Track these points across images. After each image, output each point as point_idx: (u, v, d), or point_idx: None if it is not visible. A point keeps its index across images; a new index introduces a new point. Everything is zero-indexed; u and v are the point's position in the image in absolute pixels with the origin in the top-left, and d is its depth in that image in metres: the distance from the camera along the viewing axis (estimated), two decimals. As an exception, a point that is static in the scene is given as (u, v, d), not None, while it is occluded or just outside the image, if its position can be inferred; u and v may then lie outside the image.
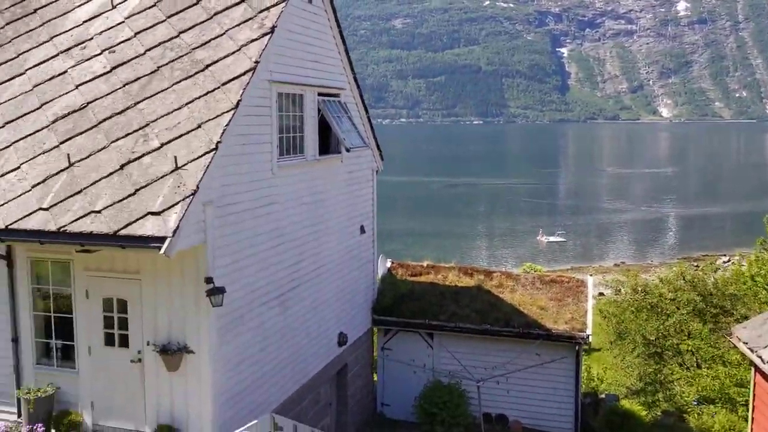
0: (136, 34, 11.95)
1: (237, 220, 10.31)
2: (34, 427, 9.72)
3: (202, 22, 11.63)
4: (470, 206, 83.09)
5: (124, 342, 9.89)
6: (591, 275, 20.00)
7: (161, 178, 9.47)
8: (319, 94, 13.15)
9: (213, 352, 9.59)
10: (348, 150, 13.60)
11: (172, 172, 9.49)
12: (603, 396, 20.07)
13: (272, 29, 10.98)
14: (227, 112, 9.98)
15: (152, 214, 9.03)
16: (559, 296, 16.31)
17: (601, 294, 34.41)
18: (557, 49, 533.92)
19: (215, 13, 11.67)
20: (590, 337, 15.42)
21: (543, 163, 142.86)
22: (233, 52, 10.87)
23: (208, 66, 10.79)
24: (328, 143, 13.84)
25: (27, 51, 12.48)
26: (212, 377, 9.58)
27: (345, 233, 14.54)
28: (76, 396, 10.18)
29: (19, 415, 10.40)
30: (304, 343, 12.58)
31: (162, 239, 8.70)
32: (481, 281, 17.02)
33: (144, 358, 9.76)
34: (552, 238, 61.68)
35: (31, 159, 10.37)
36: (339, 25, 13.94)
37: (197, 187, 9.11)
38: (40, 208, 9.54)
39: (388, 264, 18.03)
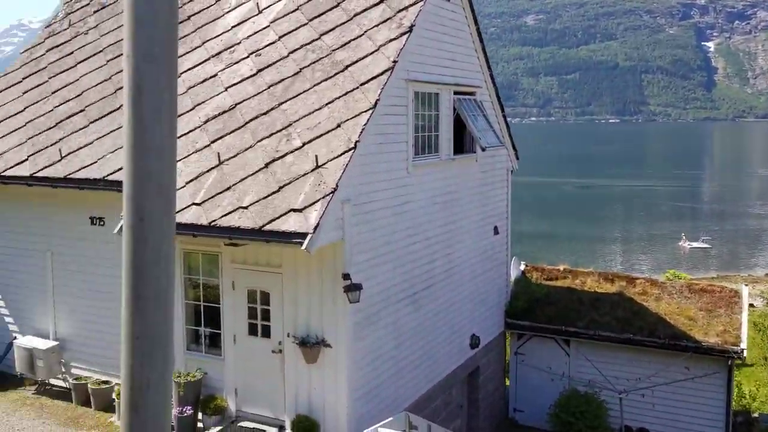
0: (280, 37, 12.41)
1: (373, 218, 10.42)
2: (184, 410, 10.32)
3: (342, 23, 11.87)
4: (606, 209, 79.66)
5: (267, 332, 10.28)
6: (745, 285, 18.47)
7: (303, 176, 9.76)
8: (455, 93, 13.04)
9: (349, 347, 9.75)
10: (483, 149, 13.40)
11: (313, 170, 9.75)
12: (756, 415, 18.48)
13: (410, 28, 11.00)
14: (365, 111, 10.11)
15: (294, 210, 9.32)
16: (710, 306, 15.17)
17: (751, 305, 31.76)
18: (703, 43, 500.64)
19: (355, 15, 11.87)
20: (745, 351, 14.23)
21: (686, 164, 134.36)
22: (372, 53, 11.00)
23: (347, 66, 10.99)
24: (462, 142, 13.70)
25: (182, 56, 13.30)
26: (348, 372, 9.73)
27: (478, 234, 14.34)
28: (221, 382, 10.72)
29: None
30: (437, 342, 12.52)
31: (303, 235, 8.95)
32: (623, 288, 16.19)
33: (284, 349, 10.10)
34: (695, 244, 57.80)
35: (185, 157, 11.04)
36: (476, 22, 13.75)
37: (336, 185, 9.29)
38: (194, 203, 10.13)
39: (522, 267, 17.59)
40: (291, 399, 10.08)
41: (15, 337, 12.80)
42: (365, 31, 11.43)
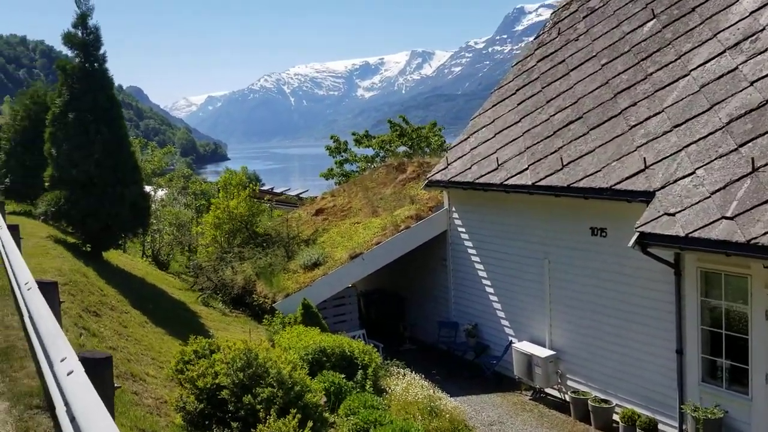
0: (823, 15, 10.19)
1: None
2: (704, 451, 9.09)
3: None
4: None
5: (815, 378, 8.37)
6: None
7: None
8: None
9: None
10: None
11: None
12: None
13: None
14: None
15: None
16: None
17: None
18: None
19: None
20: None
21: None
22: None
23: None
24: None
25: (688, 51, 12.05)
26: None
27: None
28: (747, 426, 9.16)
29: (680, 430, 10.00)
30: None
31: None
32: None
33: (844, 404, 8.05)
34: None
35: (707, 163, 9.77)
36: None
37: None
38: (723, 217, 8.81)
39: None
40: None
41: (511, 341, 13.27)
42: None
